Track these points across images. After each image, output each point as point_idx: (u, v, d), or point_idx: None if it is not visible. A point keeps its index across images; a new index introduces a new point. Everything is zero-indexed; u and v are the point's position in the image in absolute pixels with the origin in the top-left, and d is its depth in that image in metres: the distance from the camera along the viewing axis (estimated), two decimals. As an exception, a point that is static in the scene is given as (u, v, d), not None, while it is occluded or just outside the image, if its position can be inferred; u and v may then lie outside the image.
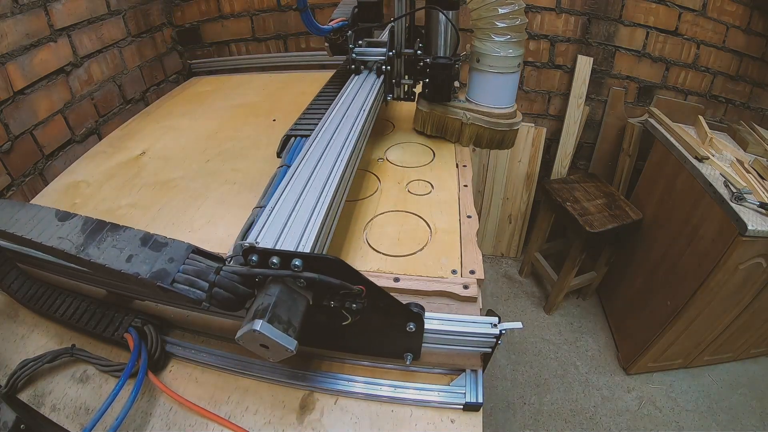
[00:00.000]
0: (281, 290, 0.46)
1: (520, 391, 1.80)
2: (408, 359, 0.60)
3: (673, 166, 1.67)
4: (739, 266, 1.40)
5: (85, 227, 0.50)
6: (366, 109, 0.91)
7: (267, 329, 0.42)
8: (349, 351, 0.65)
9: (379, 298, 0.51)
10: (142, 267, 0.45)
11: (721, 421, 1.69)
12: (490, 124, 1.07)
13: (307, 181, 0.67)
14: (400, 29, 1.04)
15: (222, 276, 0.46)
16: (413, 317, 0.54)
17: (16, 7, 1.10)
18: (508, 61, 0.99)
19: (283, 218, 0.57)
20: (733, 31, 1.77)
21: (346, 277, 0.48)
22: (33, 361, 0.65)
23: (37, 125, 1.19)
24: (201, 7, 1.82)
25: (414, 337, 0.57)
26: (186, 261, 0.47)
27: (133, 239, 0.48)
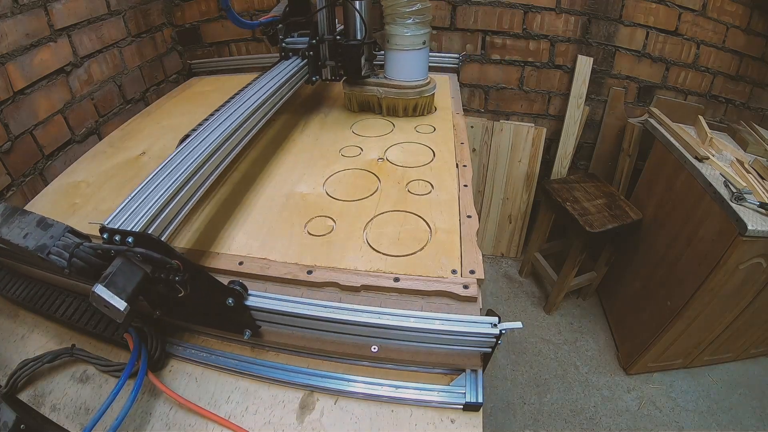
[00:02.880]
0: (122, 262, 0.56)
1: (520, 391, 1.80)
2: (246, 334, 0.64)
3: (673, 166, 1.67)
4: (739, 266, 1.40)
5: (4, 212, 0.60)
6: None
7: (102, 291, 0.51)
8: (195, 324, 0.71)
9: (197, 274, 0.59)
10: (31, 241, 0.57)
11: (721, 421, 1.69)
12: (400, 95, 1.24)
13: (171, 169, 0.72)
14: (321, 19, 1.19)
15: (81, 249, 0.56)
16: (229, 292, 0.60)
17: (16, 7, 1.10)
18: (414, 39, 1.17)
19: (137, 202, 0.65)
20: (733, 31, 1.77)
21: (165, 253, 0.57)
22: (33, 361, 0.65)
23: (37, 125, 1.19)
24: (201, 7, 1.82)
25: (241, 312, 0.62)
26: (61, 238, 0.57)
27: (32, 221, 0.59)
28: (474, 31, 1.86)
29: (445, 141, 1.16)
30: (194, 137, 0.83)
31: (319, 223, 0.85)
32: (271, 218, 0.88)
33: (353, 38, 1.20)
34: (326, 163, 1.07)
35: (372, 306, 0.61)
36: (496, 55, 1.92)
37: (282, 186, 0.99)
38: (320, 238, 0.81)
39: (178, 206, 0.70)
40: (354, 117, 1.31)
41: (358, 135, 1.20)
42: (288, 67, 1.18)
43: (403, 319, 0.59)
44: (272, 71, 1.17)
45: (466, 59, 1.91)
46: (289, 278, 0.73)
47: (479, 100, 2.06)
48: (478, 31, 1.86)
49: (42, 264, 0.60)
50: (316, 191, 0.96)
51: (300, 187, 0.98)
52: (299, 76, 1.21)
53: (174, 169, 0.73)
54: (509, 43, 1.88)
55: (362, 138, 1.18)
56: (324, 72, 1.29)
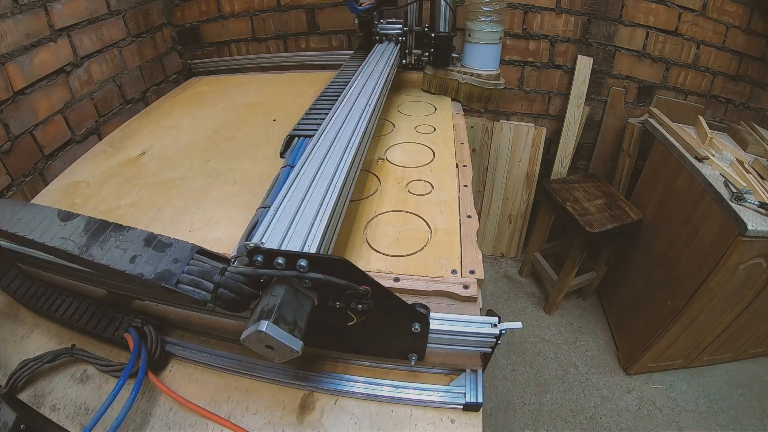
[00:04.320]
0: (286, 291, 0.46)
1: (520, 391, 1.80)
2: (413, 360, 0.60)
3: (673, 166, 1.67)
4: (739, 266, 1.40)
5: (87, 227, 0.49)
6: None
7: (272, 330, 0.42)
8: (354, 352, 0.65)
9: (385, 299, 0.51)
10: (146, 268, 0.45)
11: (721, 421, 1.69)
12: (479, 82, 1.40)
13: (312, 181, 0.67)
14: (411, 11, 1.40)
15: (227, 277, 0.46)
16: (419, 318, 0.54)
17: (16, 7, 1.10)
18: (492, 35, 1.35)
19: (288, 218, 0.57)
20: (733, 31, 1.77)
21: (352, 278, 0.48)
22: (33, 361, 0.65)
23: (37, 125, 1.19)
24: (201, 7, 1.82)
25: (419, 337, 0.56)
26: (190, 262, 0.47)
27: (137, 239, 0.48)
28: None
29: (445, 141, 1.16)
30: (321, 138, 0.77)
31: (319, 223, 0.85)
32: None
33: (440, 30, 1.37)
34: (326, 163, 1.06)
35: (372, 306, 0.61)
36: (496, 55, 1.92)
37: (282, 186, 0.98)
38: (320, 238, 0.81)
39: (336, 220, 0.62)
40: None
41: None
42: (387, 48, 1.37)
43: (404, 319, 0.59)
44: (376, 53, 1.32)
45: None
46: (289, 278, 0.72)
47: (479, 100, 2.06)
48: (478, 31, 1.86)
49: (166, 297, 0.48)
50: (316, 191, 0.96)
51: (300, 187, 0.98)
52: (397, 59, 1.38)
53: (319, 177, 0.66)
54: (509, 43, 1.88)
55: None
56: (409, 58, 1.50)
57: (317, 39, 1.90)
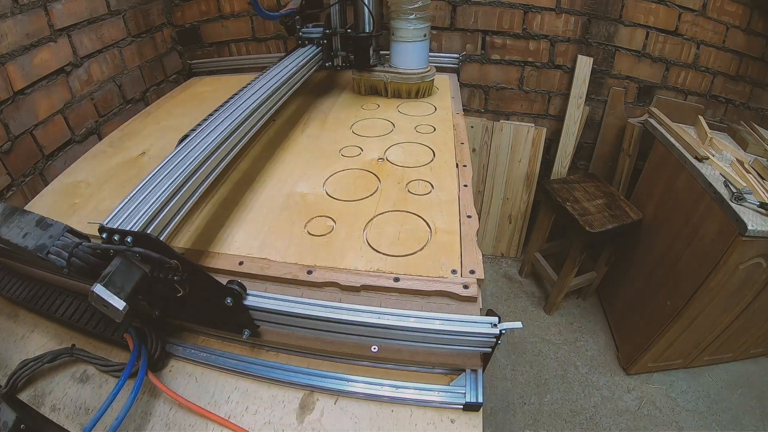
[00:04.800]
0: (121, 262, 0.56)
1: (520, 391, 1.80)
2: (245, 334, 0.64)
3: (673, 166, 1.67)
4: (739, 266, 1.40)
5: (4, 212, 0.60)
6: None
7: (101, 291, 0.51)
8: (196, 323, 0.71)
9: (195, 274, 0.59)
10: (30, 241, 0.57)
11: (721, 421, 1.69)
12: (403, 79, 1.41)
13: (167, 170, 0.72)
14: (334, 13, 1.37)
15: (79, 249, 0.56)
16: (228, 292, 0.60)
17: (16, 7, 1.10)
18: (416, 32, 1.34)
19: (136, 202, 0.65)
20: (733, 31, 1.77)
21: (164, 253, 0.57)
22: (33, 361, 0.65)
23: (37, 125, 1.19)
24: (201, 7, 1.82)
25: (240, 312, 0.62)
26: (60, 238, 0.57)
27: (31, 221, 0.59)
28: (474, 31, 1.86)
29: (445, 141, 1.16)
30: (194, 136, 0.83)
31: (319, 223, 0.85)
32: (271, 218, 0.88)
33: (362, 31, 1.36)
34: (326, 163, 1.07)
35: (372, 306, 0.61)
36: (496, 55, 1.92)
37: (282, 186, 0.99)
38: (320, 238, 0.81)
39: (177, 206, 0.69)
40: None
41: (358, 135, 1.20)
42: (305, 52, 1.36)
43: (403, 319, 0.59)
44: (290, 57, 1.31)
45: (466, 59, 1.91)
46: (289, 278, 0.73)
47: (479, 100, 2.06)
48: (478, 31, 1.86)
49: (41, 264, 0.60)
50: (316, 191, 0.96)
51: (300, 187, 0.98)
52: (314, 62, 1.38)
53: (173, 168, 0.73)
54: (509, 43, 1.88)
55: (362, 138, 1.19)
56: (336, 60, 1.47)
57: (317, 39, 1.90)
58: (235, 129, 0.89)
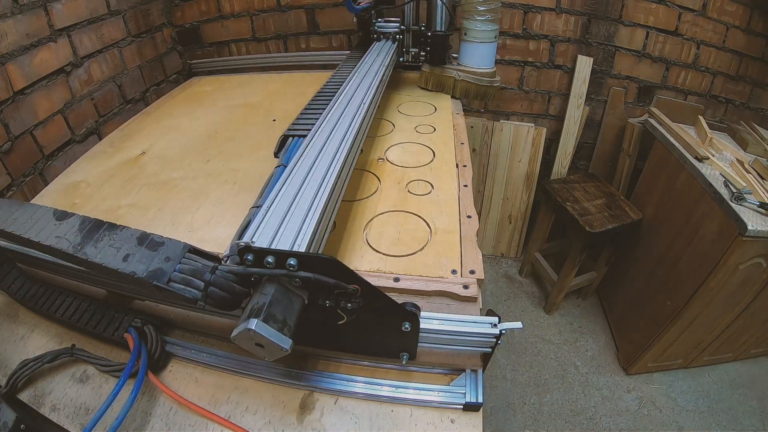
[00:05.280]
0: (276, 289, 0.46)
1: (520, 391, 1.80)
2: (404, 359, 0.60)
3: (673, 166, 1.67)
4: (739, 266, 1.40)
5: (82, 226, 0.50)
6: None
7: (262, 328, 0.42)
8: (344, 350, 0.65)
9: (375, 298, 0.51)
10: (139, 266, 0.46)
11: (721, 421, 1.69)
12: (475, 79, 1.43)
13: (304, 180, 0.66)
14: (408, 11, 1.44)
15: (218, 275, 0.47)
16: (409, 317, 0.54)
17: (16, 7, 1.10)
18: (487, 34, 1.38)
19: (279, 218, 0.57)
20: (733, 31, 1.77)
21: (341, 277, 0.48)
22: (33, 361, 0.65)
23: (37, 125, 1.19)
24: (201, 7, 1.82)
25: (409, 336, 0.56)
26: (182, 260, 0.47)
27: (130, 238, 0.48)
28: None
29: (445, 141, 1.16)
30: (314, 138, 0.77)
31: (319, 223, 0.85)
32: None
33: (436, 29, 1.40)
34: (326, 163, 1.06)
35: (372, 306, 0.61)
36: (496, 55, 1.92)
37: (282, 186, 0.98)
38: (320, 238, 0.81)
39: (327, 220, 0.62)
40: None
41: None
42: (385, 46, 1.40)
43: (404, 319, 0.59)
44: (373, 52, 1.34)
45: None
46: (289, 278, 0.72)
47: (479, 100, 2.06)
48: (478, 31, 1.86)
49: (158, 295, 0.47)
50: (316, 191, 0.96)
51: (300, 187, 0.98)
52: (394, 56, 1.41)
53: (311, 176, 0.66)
54: (509, 43, 1.88)
55: (362, 138, 1.18)
56: (406, 56, 1.53)
57: (317, 39, 1.90)
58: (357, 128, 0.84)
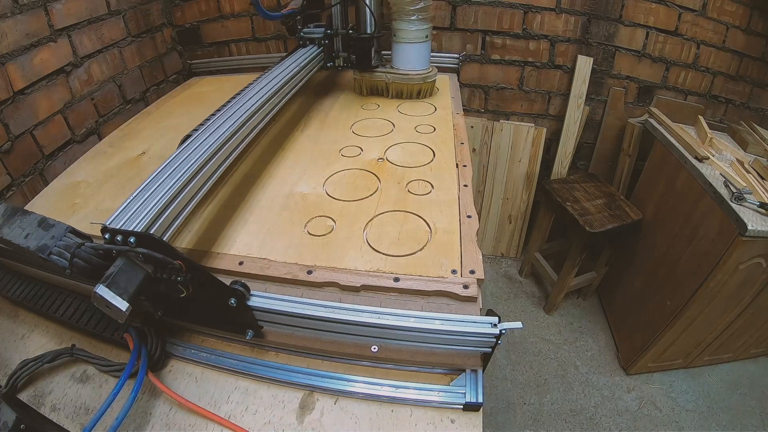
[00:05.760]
0: (124, 262, 0.55)
1: (520, 391, 1.80)
2: (248, 334, 0.65)
3: (673, 166, 1.67)
4: (739, 266, 1.40)
5: (5, 213, 0.60)
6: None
7: (104, 291, 0.51)
8: (200, 324, 0.70)
9: (200, 275, 0.59)
10: (32, 242, 0.56)
11: (721, 421, 1.69)
12: (406, 80, 1.41)
13: (173, 169, 0.72)
14: (337, 14, 1.36)
15: (82, 250, 0.56)
16: (232, 293, 0.60)
17: (16, 7, 1.10)
18: (418, 33, 1.33)
19: (139, 202, 0.64)
20: (733, 31, 1.77)
21: (168, 254, 0.56)
22: (33, 361, 0.65)
23: (37, 125, 1.19)
24: (201, 7, 1.82)
25: (242, 312, 0.62)
26: (62, 238, 0.57)
27: (33, 221, 0.58)
28: (474, 31, 1.86)
29: (445, 141, 1.16)
30: (197, 136, 0.83)
31: (319, 223, 0.85)
32: (271, 218, 0.88)
33: (364, 32, 1.36)
34: (326, 163, 1.07)
35: (372, 306, 0.61)
36: (496, 55, 1.92)
37: (282, 186, 0.99)
38: (320, 238, 0.81)
39: (180, 206, 0.69)
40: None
41: (358, 135, 1.20)
42: (307, 52, 1.36)
43: (403, 319, 0.59)
44: (291, 57, 1.31)
45: (466, 59, 1.91)
46: (289, 278, 0.73)
47: (479, 100, 2.06)
48: (478, 31, 1.86)
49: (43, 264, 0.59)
50: (316, 191, 0.96)
51: (300, 187, 0.98)
52: (316, 62, 1.38)
53: (176, 169, 0.72)
54: (509, 43, 1.88)
55: (362, 138, 1.19)
56: (337, 61, 1.47)
57: (317, 39, 1.89)
58: (237, 129, 0.88)
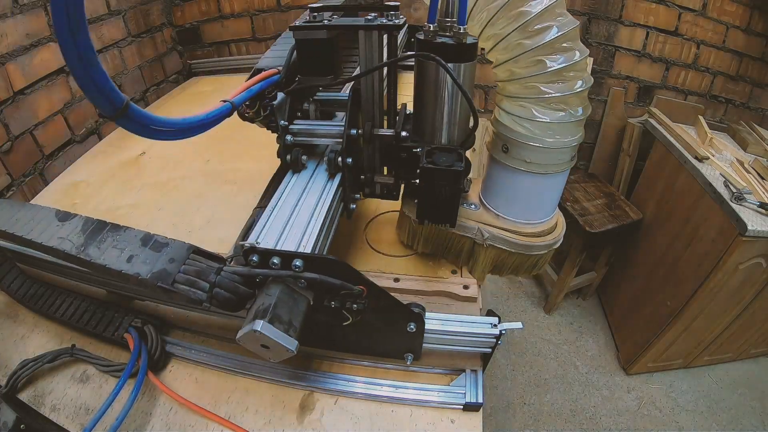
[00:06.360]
0: (282, 290, 0.46)
1: (520, 391, 1.80)
2: (408, 359, 0.60)
3: (673, 166, 1.67)
4: (739, 266, 1.40)
5: (85, 227, 0.50)
6: None
7: (268, 329, 0.42)
8: (350, 351, 0.65)
9: (380, 299, 0.51)
10: (143, 267, 0.46)
11: (721, 421, 1.69)
12: (519, 247, 0.68)
13: (308, 182, 0.65)
14: (369, 91, 0.62)
15: (222, 276, 0.46)
16: (414, 317, 0.54)
17: (16, 7, 1.10)
18: (559, 154, 0.60)
19: (284, 219, 0.56)
20: (733, 31, 1.77)
21: (347, 278, 0.48)
22: (33, 361, 0.65)
23: (37, 125, 1.19)
24: (201, 7, 1.82)
25: (414, 337, 0.57)
26: (187, 261, 0.47)
27: (134, 239, 0.48)
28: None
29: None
30: None
31: (319, 223, 0.85)
32: (271, 218, 0.87)
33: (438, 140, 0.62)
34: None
35: (372, 306, 0.61)
36: (496, 55, 1.92)
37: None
38: (320, 238, 0.81)
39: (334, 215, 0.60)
40: None
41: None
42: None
43: (404, 319, 0.59)
44: None
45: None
46: (289, 278, 0.72)
47: (479, 100, 2.06)
48: (478, 31, 1.86)
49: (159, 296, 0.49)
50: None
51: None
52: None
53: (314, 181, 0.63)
54: (509, 43, 1.88)
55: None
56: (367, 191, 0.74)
57: (317, 39, 1.89)
58: None
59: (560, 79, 0.56)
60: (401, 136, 0.62)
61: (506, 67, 0.58)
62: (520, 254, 0.69)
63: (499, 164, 0.66)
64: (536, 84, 0.56)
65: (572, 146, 0.61)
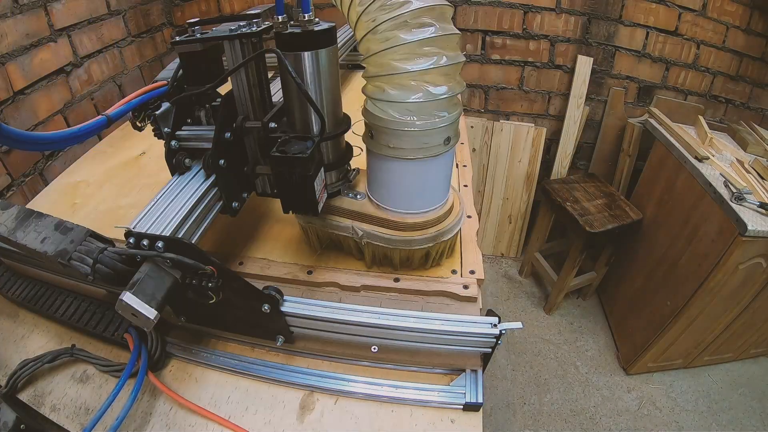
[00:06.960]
0: (151, 268, 0.53)
1: (520, 391, 1.80)
2: (279, 341, 0.63)
3: (673, 166, 1.67)
4: (739, 266, 1.40)
5: (18, 215, 0.58)
6: None
7: (131, 299, 0.49)
8: (229, 330, 0.68)
9: (232, 280, 0.56)
10: (50, 246, 0.54)
11: (721, 421, 1.69)
12: (397, 243, 0.65)
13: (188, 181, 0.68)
14: (240, 90, 0.63)
15: (105, 255, 0.54)
16: (266, 299, 0.58)
17: (16, 7, 1.10)
18: (424, 137, 0.55)
19: (160, 210, 0.61)
20: (733, 31, 1.77)
21: (199, 259, 0.54)
22: (33, 361, 0.65)
23: (37, 125, 1.19)
24: (201, 7, 1.82)
25: (275, 318, 0.60)
26: (83, 242, 0.55)
27: (49, 225, 0.56)
28: (474, 31, 1.86)
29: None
30: None
31: (319, 223, 0.85)
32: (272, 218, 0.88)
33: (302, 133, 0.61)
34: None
35: (372, 306, 0.61)
36: (496, 55, 1.92)
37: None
38: (320, 238, 0.81)
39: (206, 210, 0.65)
40: None
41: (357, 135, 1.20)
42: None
43: (403, 319, 0.59)
44: None
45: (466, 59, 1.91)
46: (289, 278, 0.73)
47: (479, 100, 2.06)
48: (478, 31, 1.86)
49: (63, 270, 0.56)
50: (316, 191, 0.95)
51: (300, 187, 0.97)
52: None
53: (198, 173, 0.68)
54: (509, 43, 1.88)
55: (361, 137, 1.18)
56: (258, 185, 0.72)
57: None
58: None
59: (417, 54, 0.51)
60: (269, 126, 0.62)
61: (364, 45, 0.55)
62: (401, 249, 0.67)
63: (370, 152, 0.64)
64: (390, 61, 0.52)
65: (437, 128, 0.55)
